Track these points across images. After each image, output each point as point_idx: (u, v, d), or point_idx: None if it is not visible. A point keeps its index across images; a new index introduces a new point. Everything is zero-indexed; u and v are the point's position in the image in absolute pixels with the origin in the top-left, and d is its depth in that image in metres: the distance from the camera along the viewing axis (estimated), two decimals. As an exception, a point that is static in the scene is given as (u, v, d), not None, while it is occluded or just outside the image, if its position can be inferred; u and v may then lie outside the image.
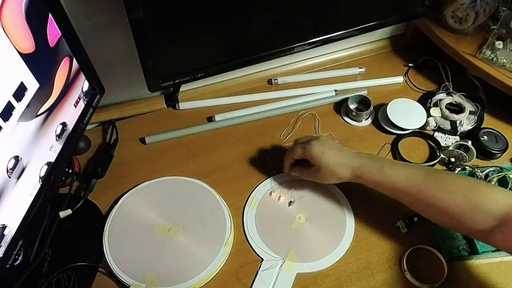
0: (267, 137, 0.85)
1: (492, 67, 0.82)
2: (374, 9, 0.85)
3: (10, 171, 0.52)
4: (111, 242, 0.69)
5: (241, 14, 0.73)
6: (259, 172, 0.79)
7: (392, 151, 0.82)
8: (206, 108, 0.91)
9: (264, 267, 0.67)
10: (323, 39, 0.84)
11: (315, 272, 0.67)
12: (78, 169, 0.79)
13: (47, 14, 0.57)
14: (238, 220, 0.73)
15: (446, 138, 0.83)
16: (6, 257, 0.54)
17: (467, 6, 0.84)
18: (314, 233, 0.71)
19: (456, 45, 0.86)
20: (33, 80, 0.54)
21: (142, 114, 0.90)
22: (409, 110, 0.86)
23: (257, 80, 0.96)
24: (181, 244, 0.69)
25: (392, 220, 0.71)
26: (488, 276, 0.66)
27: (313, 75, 0.97)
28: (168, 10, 0.66)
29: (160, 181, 0.77)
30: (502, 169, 0.75)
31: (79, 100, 0.68)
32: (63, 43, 0.61)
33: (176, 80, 0.76)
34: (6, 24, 0.48)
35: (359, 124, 0.87)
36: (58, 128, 0.63)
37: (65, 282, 0.64)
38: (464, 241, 0.68)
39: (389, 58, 1.02)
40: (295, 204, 0.74)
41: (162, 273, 0.66)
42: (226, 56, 0.79)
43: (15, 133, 0.52)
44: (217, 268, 0.67)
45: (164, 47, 0.70)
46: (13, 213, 0.55)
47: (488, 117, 0.86)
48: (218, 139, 0.85)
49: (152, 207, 0.74)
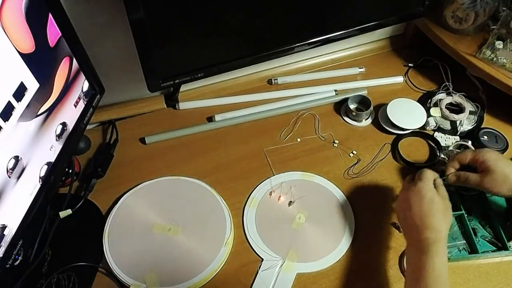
0: (267, 137, 0.85)
1: (492, 67, 0.82)
2: (374, 9, 0.85)
3: (10, 171, 0.52)
4: (111, 242, 0.69)
5: (241, 14, 0.73)
6: (259, 172, 0.79)
7: (392, 151, 0.82)
8: (206, 108, 0.91)
9: (264, 267, 0.67)
10: (323, 39, 0.84)
11: (315, 272, 0.67)
12: (78, 169, 0.79)
13: (47, 14, 0.57)
14: (238, 220, 0.73)
15: (446, 138, 0.83)
16: (6, 257, 0.54)
17: (467, 6, 0.84)
18: (314, 233, 0.71)
19: (456, 45, 0.86)
20: (33, 80, 0.54)
21: (142, 114, 0.90)
22: (409, 110, 0.86)
23: (257, 80, 0.96)
24: (181, 244, 0.69)
25: (392, 220, 0.71)
26: (488, 276, 0.66)
27: (313, 75, 0.97)
28: (168, 10, 0.66)
29: (160, 181, 0.77)
30: (502, 169, 0.75)
31: (79, 100, 0.68)
32: (63, 43, 0.61)
33: (176, 80, 0.76)
34: (6, 24, 0.48)
35: (359, 124, 0.87)
36: (58, 128, 0.63)
37: (65, 282, 0.65)
38: (464, 241, 0.68)
39: (389, 58, 1.02)
40: (295, 204, 0.74)
41: (162, 273, 0.66)
42: (226, 56, 0.79)
43: (15, 133, 0.52)
44: (217, 268, 0.67)
45: (164, 47, 0.70)
46: (13, 213, 0.55)
47: (488, 117, 0.86)
48: (218, 139, 0.85)
49: (152, 207, 0.74)
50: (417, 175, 0.66)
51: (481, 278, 0.66)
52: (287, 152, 0.83)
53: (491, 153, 0.65)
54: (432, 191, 0.62)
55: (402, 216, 0.64)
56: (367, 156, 0.82)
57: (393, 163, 0.81)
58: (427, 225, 0.59)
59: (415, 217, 0.60)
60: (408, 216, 0.62)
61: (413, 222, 0.61)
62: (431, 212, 0.60)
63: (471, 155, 0.67)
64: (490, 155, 0.65)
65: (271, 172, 0.79)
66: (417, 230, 0.59)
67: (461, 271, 0.66)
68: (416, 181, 0.64)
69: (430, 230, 0.58)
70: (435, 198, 0.61)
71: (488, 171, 0.64)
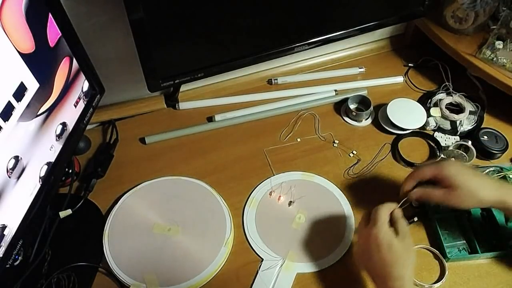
0: (267, 137, 0.85)
1: (492, 67, 0.82)
2: (374, 9, 0.85)
3: (10, 171, 0.52)
4: (111, 242, 0.69)
5: (241, 14, 0.73)
6: (259, 172, 0.79)
7: (392, 151, 0.82)
8: (206, 108, 0.91)
9: (264, 267, 0.67)
10: (323, 39, 0.84)
11: (315, 272, 0.67)
12: (78, 169, 0.79)
13: (47, 14, 0.57)
14: (238, 220, 0.73)
15: (446, 138, 0.83)
16: (6, 257, 0.54)
17: (467, 6, 0.84)
18: (314, 233, 0.71)
19: (456, 45, 0.86)
20: (33, 80, 0.54)
21: (142, 114, 0.90)
22: (409, 110, 0.86)
23: (257, 80, 0.96)
24: (181, 244, 0.69)
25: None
26: (488, 276, 0.66)
27: (313, 75, 0.97)
28: (168, 10, 0.66)
29: (160, 181, 0.77)
30: (502, 169, 0.75)
31: (79, 100, 0.68)
32: (63, 43, 0.61)
33: (176, 80, 0.76)
34: (6, 24, 0.48)
35: (359, 124, 0.87)
36: (58, 128, 0.63)
37: (65, 282, 0.65)
38: (464, 241, 0.68)
39: (389, 58, 1.02)
40: (295, 204, 0.74)
41: (162, 273, 0.66)
42: (226, 56, 0.79)
43: (15, 133, 0.52)
44: (217, 268, 0.67)
45: (164, 47, 0.70)
46: (13, 213, 0.55)
47: (488, 117, 0.86)
48: (218, 139, 0.85)
49: (152, 207, 0.74)
50: (372, 216, 0.61)
51: (481, 278, 0.66)
52: (287, 152, 0.83)
53: (452, 167, 0.61)
54: (388, 235, 0.58)
55: (364, 267, 0.62)
56: (367, 156, 0.82)
57: (393, 163, 0.81)
58: (389, 275, 0.56)
59: (376, 267, 0.58)
60: (370, 267, 0.60)
61: (375, 273, 0.59)
62: (391, 261, 0.57)
63: (431, 171, 0.63)
64: (451, 169, 0.60)
65: (271, 172, 0.79)
66: (381, 279, 0.57)
67: (461, 271, 0.66)
68: (371, 226, 0.60)
69: (393, 281, 0.56)
70: (393, 243, 0.57)
71: (452, 187, 0.60)
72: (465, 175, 0.60)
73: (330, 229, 0.71)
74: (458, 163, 0.62)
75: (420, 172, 0.64)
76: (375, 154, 0.82)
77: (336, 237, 0.70)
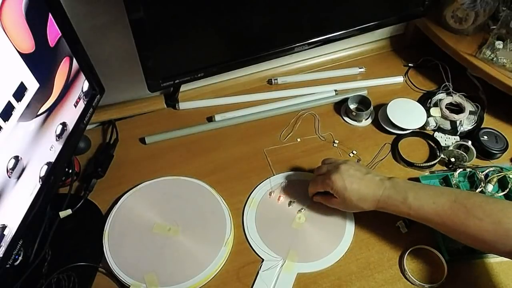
0: (267, 137, 0.85)
1: (492, 67, 0.82)
2: (374, 9, 0.85)
3: (10, 171, 0.52)
4: (111, 242, 0.69)
5: (241, 14, 0.73)
6: (259, 172, 0.79)
7: (392, 151, 0.82)
8: (206, 108, 0.91)
9: (264, 267, 0.67)
10: (323, 39, 0.84)
11: (315, 272, 0.67)
12: (78, 169, 0.79)
13: (47, 14, 0.57)
14: (238, 220, 0.73)
15: (446, 138, 0.83)
16: (6, 257, 0.54)
17: (467, 6, 0.84)
18: (314, 233, 0.71)
19: (456, 45, 0.86)
20: (33, 80, 0.54)
21: (142, 114, 0.90)
22: (409, 110, 0.86)
23: (257, 80, 0.96)
24: (181, 244, 0.69)
25: (392, 220, 0.71)
26: (488, 276, 0.66)
27: (313, 75, 0.97)
28: (168, 10, 0.66)
29: (160, 181, 0.77)
30: (502, 169, 0.75)
31: (79, 100, 0.68)
32: (63, 43, 0.61)
33: (176, 80, 0.76)
34: (6, 24, 0.48)
35: (359, 124, 0.87)
36: (58, 128, 0.63)
37: (65, 282, 0.64)
38: (464, 241, 0.68)
39: (389, 58, 1.02)
40: (295, 204, 0.74)
41: (162, 273, 0.66)
42: (226, 56, 0.79)
43: (15, 133, 0.52)
44: (217, 268, 0.67)
45: (164, 47, 0.70)
46: (13, 213, 0.55)
47: (488, 117, 0.86)
48: (218, 139, 0.85)
49: (152, 207, 0.74)
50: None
51: (481, 278, 0.66)
52: (287, 152, 0.83)
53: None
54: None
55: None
56: (367, 156, 0.82)
57: (393, 163, 0.81)
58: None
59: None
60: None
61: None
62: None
63: (323, 187, 0.69)
64: (337, 185, 0.66)
65: (271, 172, 0.79)
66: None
67: (461, 271, 0.66)
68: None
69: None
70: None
71: (340, 199, 0.67)
72: (349, 190, 0.65)
73: (330, 229, 0.71)
74: (347, 171, 0.66)
75: (315, 187, 0.71)
76: (375, 154, 0.82)
77: (336, 237, 0.70)
